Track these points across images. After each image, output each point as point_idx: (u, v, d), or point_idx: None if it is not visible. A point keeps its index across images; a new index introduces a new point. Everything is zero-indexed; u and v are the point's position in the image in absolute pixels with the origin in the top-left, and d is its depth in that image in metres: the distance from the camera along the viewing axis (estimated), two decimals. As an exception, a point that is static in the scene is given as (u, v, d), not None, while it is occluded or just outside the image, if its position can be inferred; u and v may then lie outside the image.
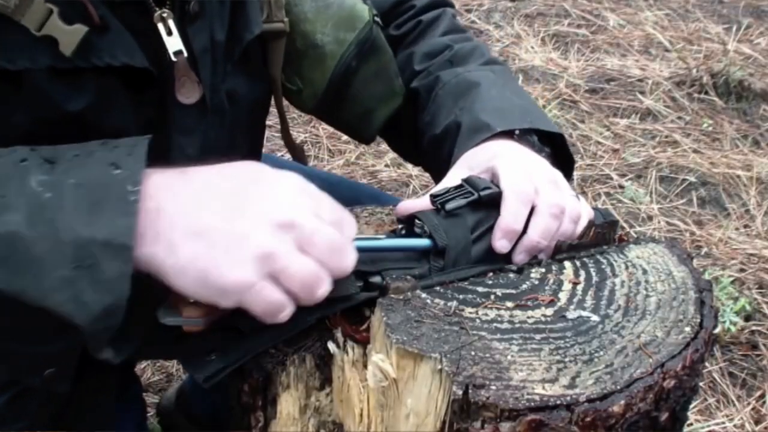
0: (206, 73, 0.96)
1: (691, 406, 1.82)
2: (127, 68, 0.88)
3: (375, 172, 2.75)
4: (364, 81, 1.12)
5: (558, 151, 1.08)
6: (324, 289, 0.75)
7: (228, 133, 1.04)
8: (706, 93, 3.24)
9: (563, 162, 1.07)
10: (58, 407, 0.98)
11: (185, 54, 0.91)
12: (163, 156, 0.94)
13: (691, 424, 1.84)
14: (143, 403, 1.41)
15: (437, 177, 1.04)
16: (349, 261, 0.77)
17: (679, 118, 3.11)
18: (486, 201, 0.89)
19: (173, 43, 0.90)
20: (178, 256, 0.71)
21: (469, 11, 3.85)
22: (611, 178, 2.73)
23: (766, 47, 3.73)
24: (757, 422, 1.86)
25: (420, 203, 0.93)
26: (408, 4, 1.23)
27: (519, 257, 0.90)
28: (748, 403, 1.90)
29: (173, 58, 0.90)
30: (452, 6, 1.30)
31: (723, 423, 1.85)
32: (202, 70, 0.95)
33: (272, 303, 0.73)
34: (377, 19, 1.11)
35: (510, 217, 0.89)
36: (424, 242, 0.87)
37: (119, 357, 0.74)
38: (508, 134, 1.01)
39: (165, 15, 0.89)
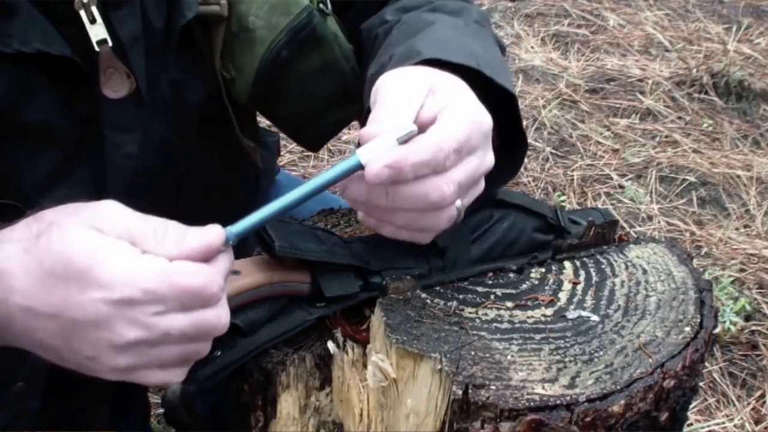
0: (139, 63, 0.87)
1: (691, 406, 1.82)
2: (44, 57, 0.81)
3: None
4: (304, 77, 0.96)
5: (505, 122, 0.87)
6: (204, 351, 0.70)
7: (175, 130, 0.95)
8: (706, 93, 3.24)
9: (509, 135, 0.88)
10: (49, 422, 0.95)
11: (110, 43, 0.84)
12: (100, 155, 0.89)
13: (691, 424, 1.84)
14: (146, 405, 1.41)
15: (362, 124, 0.85)
16: (219, 325, 0.68)
17: (679, 118, 3.11)
18: None
19: (97, 31, 0.83)
20: (43, 356, 0.69)
21: (469, 11, 3.84)
22: (611, 178, 2.72)
23: (766, 47, 3.73)
24: (757, 422, 1.86)
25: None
26: None
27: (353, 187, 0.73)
28: (748, 403, 1.90)
29: (96, 48, 0.83)
30: None
31: (723, 423, 1.85)
32: (134, 60, 0.87)
33: (159, 380, 0.69)
34: (323, 6, 0.96)
35: (407, 156, 0.69)
36: (353, 160, 0.72)
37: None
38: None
39: (86, 1, 0.82)
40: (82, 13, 0.82)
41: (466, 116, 0.73)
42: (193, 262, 0.66)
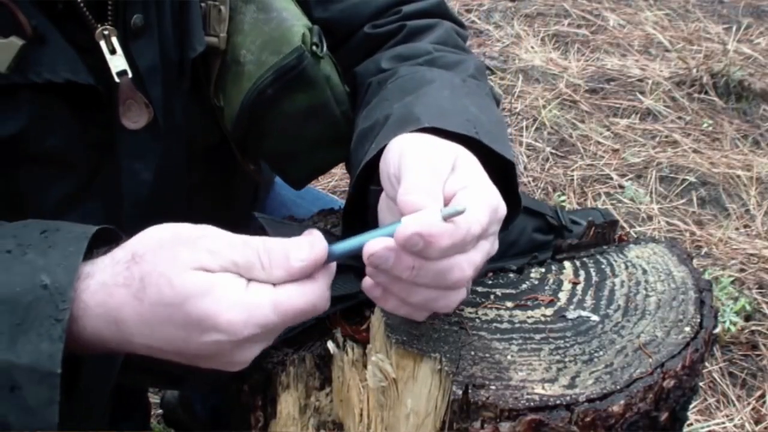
0: (156, 93, 0.88)
1: (691, 406, 1.82)
2: (69, 86, 0.81)
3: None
4: (289, 117, 0.95)
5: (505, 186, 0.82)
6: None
7: (185, 157, 0.96)
8: (706, 93, 3.24)
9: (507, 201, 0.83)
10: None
11: (130, 74, 0.84)
12: (114, 182, 0.90)
13: (691, 424, 1.84)
14: (146, 407, 1.41)
15: (353, 176, 0.85)
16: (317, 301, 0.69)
17: (679, 118, 3.11)
18: None
19: (117, 62, 0.83)
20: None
21: (469, 11, 3.85)
22: (611, 178, 2.72)
23: (766, 47, 3.73)
24: (757, 422, 1.86)
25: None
26: (394, 9, 1.06)
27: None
28: (748, 403, 1.90)
29: (116, 79, 0.84)
30: (459, 24, 1.10)
31: (723, 423, 1.85)
32: (152, 90, 0.88)
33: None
34: (317, 49, 0.94)
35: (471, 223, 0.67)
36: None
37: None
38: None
39: (107, 32, 0.82)
40: (102, 43, 0.82)
41: (489, 202, 0.71)
42: (299, 284, 0.67)
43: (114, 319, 0.66)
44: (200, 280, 0.65)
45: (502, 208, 0.73)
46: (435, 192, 0.68)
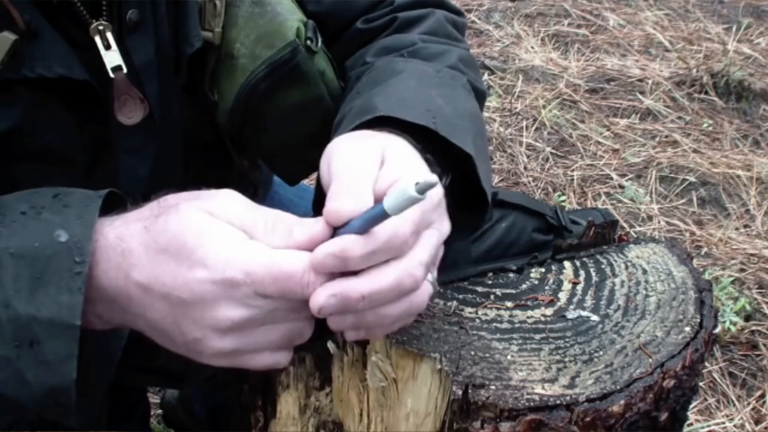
0: (152, 88, 0.88)
1: (691, 406, 1.82)
2: (64, 82, 0.80)
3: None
4: (283, 112, 0.95)
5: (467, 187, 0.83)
6: (307, 332, 0.71)
7: (182, 154, 0.96)
8: (706, 93, 3.24)
9: (469, 202, 0.83)
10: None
11: (125, 70, 0.84)
12: (110, 178, 0.89)
13: (691, 424, 1.83)
14: (146, 407, 1.41)
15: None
16: (320, 301, 0.65)
17: (679, 118, 3.11)
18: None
19: (111, 58, 0.82)
20: (153, 339, 0.70)
21: (469, 11, 3.85)
22: (611, 178, 2.72)
23: (766, 47, 3.73)
24: (757, 422, 1.86)
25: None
26: (386, 1, 1.05)
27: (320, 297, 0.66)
28: (748, 403, 1.90)
29: (111, 75, 0.83)
30: (453, 10, 1.09)
31: (723, 423, 1.85)
32: (147, 86, 0.87)
33: (264, 364, 0.70)
34: (311, 43, 0.93)
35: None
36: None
37: (83, 419, 0.72)
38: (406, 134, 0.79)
39: (102, 27, 0.81)
40: (97, 39, 0.82)
41: None
42: (295, 251, 0.66)
43: (122, 250, 0.67)
44: (203, 220, 0.66)
45: (436, 194, 0.72)
46: (364, 193, 0.68)
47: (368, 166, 0.71)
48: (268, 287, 0.65)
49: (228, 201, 0.69)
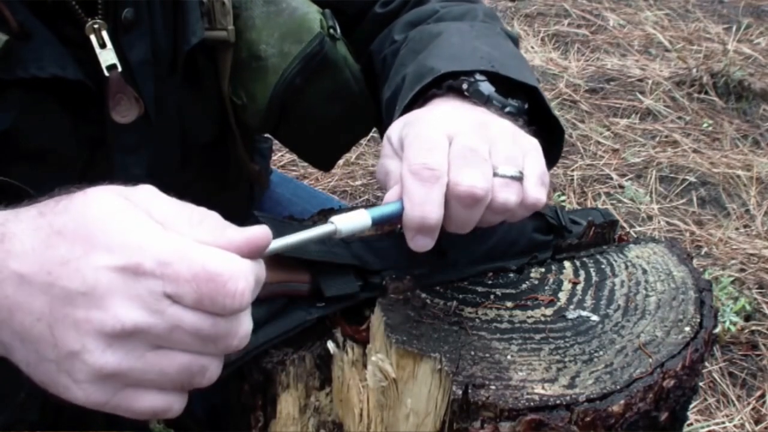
0: (148, 87, 0.87)
1: (691, 406, 1.82)
2: (58, 82, 0.80)
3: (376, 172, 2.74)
4: (316, 102, 0.96)
5: (543, 120, 0.86)
6: (212, 372, 0.58)
7: (180, 152, 0.96)
8: (706, 93, 3.25)
9: (548, 132, 0.86)
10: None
11: (119, 68, 0.83)
12: (106, 178, 0.91)
13: (691, 424, 1.84)
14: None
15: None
16: (238, 338, 0.56)
17: (679, 118, 3.11)
18: None
19: (106, 56, 0.82)
20: (16, 359, 0.56)
21: (469, 11, 3.85)
22: (611, 178, 2.73)
23: (766, 47, 3.73)
24: (757, 422, 1.86)
25: None
26: None
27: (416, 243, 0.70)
28: (748, 403, 1.90)
29: (106, 73, 0.83)
30: None
31: (723, 423, 1.85)
32: (142, 85, 0.87)
33: (151, 408, 0.56)
34: (333, 32, 0.95)
35: (414, 209, 0.68)
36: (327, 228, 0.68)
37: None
38: (451, 90, 0.81)
39: (97, 26, 0.81)
40: (93, 37, 0.81)
41: (423, 140, 0.71)
42: (225, 251, 0.55)
43: (2, 235, 0.56)
44: (116, 202, 0.56)
45: (466, 134, 0.72)
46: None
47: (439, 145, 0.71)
48: (182, 286, 0.53)
49: (149, 193, 0.59)
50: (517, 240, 0.93)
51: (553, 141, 0.87)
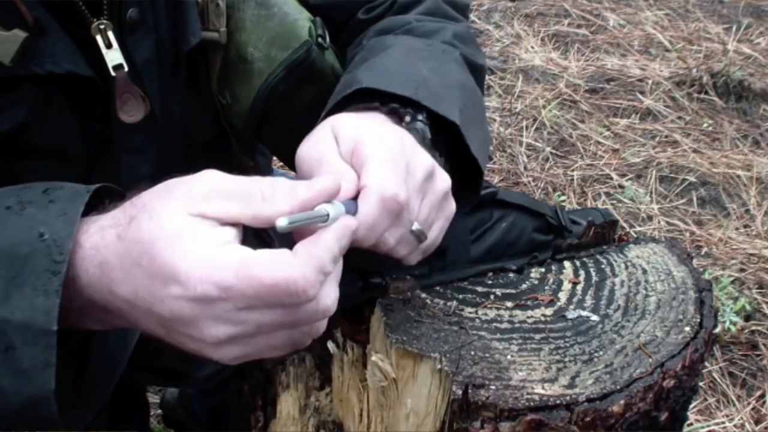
0: (153, 86, 0.88)
1: (691, 406, 1.82)
2: (70, 78, 0.80)
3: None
4: (300, 109, 0.95)
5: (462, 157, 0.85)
6: (317, 330, 0.67)
7: (185, 151, 0.96)
8: (706, 93, 3.24)
9: (466, 169, 0.85)
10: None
11: (126, 68, 0.84)
12: (112, 176, 0.86)
13: (691, 424, 1.83)
14: (146, 407, 1.41)
15: None
16: (322, 311, 0.64)
17: (679, 118, 3.11)
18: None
19: (113, 56, 0.82)
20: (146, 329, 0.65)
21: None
22: (611, 178, 2.72)
23: (766, 47, 3.73)
24: (757, 422, 1.86)
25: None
26: None
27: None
28: (748, 403, 1.90)
29: (113, 73, 0.83)
30: None
31: (723, 423, 1.85)
32: (148, 84, 0.87)
33: (278, 354, 0.66)
34: (322, 40, 0.96)
35: (370, 235, 0.72)
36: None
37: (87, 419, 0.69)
38: (392, 113, 0.82)
39: (103, 26, 0.81)
40: (99, 38, 0.82)
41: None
42: (274, 252, 0.61)
43: (99, 262, 0.62)
44: (178, 222, 0.60)
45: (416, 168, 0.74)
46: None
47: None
48: (249, 300, 0.60)
49: (213, 183, 0.64)
50: (517, 240, 0.93)
51: (473, 179, 0.86)
